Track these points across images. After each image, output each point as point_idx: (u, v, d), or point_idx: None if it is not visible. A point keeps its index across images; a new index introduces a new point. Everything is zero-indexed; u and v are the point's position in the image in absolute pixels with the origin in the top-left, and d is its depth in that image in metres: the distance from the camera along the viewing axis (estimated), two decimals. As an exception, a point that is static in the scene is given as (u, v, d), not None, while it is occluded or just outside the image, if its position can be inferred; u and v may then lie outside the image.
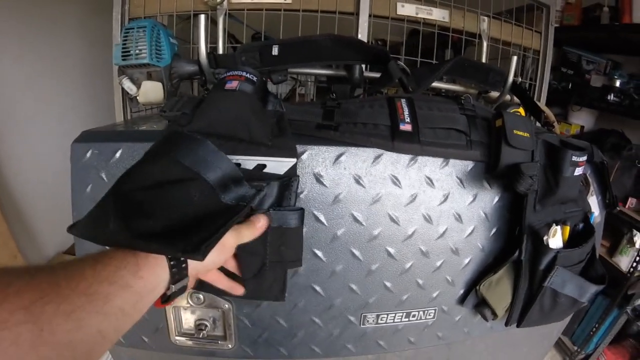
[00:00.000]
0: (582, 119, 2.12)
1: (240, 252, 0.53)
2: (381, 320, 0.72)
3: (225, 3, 0.93)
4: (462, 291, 0.76)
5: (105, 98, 1.39)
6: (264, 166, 0.57)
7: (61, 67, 1.95)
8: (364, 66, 0.92)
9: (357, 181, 0.63)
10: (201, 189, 0.48)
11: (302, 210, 0.56)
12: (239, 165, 0.57)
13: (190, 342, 0.72)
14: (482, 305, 0.77)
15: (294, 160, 0.58)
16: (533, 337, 0.96)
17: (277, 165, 0.57)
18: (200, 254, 0.41)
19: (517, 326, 0.79)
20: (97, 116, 2.08)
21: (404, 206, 0.66)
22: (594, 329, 1.90)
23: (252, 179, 0.55)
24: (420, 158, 0.65)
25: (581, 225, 0.82)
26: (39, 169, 1.80)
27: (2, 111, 1.59)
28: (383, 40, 1.44)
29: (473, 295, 0.76)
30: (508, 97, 1.04)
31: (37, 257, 1.79)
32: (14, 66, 1.65)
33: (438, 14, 1.04)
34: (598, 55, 2.05)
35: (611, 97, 1.81)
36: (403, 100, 0.70)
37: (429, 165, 0.66)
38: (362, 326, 0.71)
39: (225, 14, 0.91)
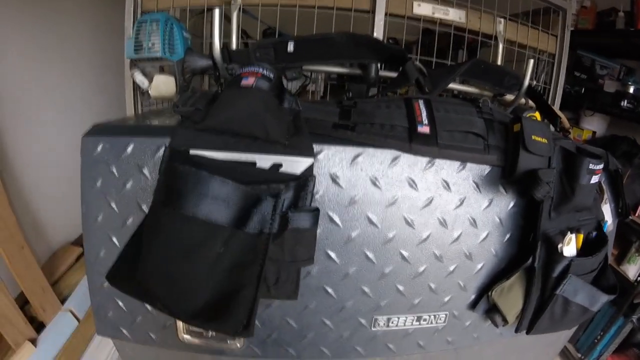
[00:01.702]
0: (594, 125, 2.10)
1: None
2: (392, 323, 0.71)
3: (239, -3, 0.92)
4: (473, 296, 0.75)
5: (115, 91, 1.39)
6: (280, 165, 0.56)
7: (70, 59, 1.94)
8: (379, 65, 0.90)
9: (374, 183, 0.62)
10: (223, 238, 0.51)
11: (317, 210, 0.56)
12: (254, 164, 0.56)
13: (197, 340, 0.72)
14: (493, 311, 0.76)
15: (311, 160, 0.57)
16: (540, 343, 0.96)
17: (294, 164, 0.56)
18: (250, 333, 0.50)
19: (527, 333, 0.78)
20: (107, 109, 2.08)
21: (419, 209, 0.65)
22: (599, 337, 1.89)
23: (269, 180, 0.54)
24: (437, 161, 0.64)
25: (594, 233, 0.81)
26: (47, 160, 1.80)
27: (11, 103, 1.58)
28: (395, 39, 1.43)
29: (484, 300, 0.75)
30: (523, 100, 1.03)
31: (45, 248, 1.79)
32: (22, 58, 1.64)
33: (454, 15, 1.03)
34: (612, 60, 2.03)
35: (624, 103, 1.79)
36: (420, 102, 0.68)
37: (446, 168, 0.65)
38: (372, 329, 0.71)
39: (240, 9, 0.90)
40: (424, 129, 0.64)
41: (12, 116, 1.59)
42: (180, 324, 0.71)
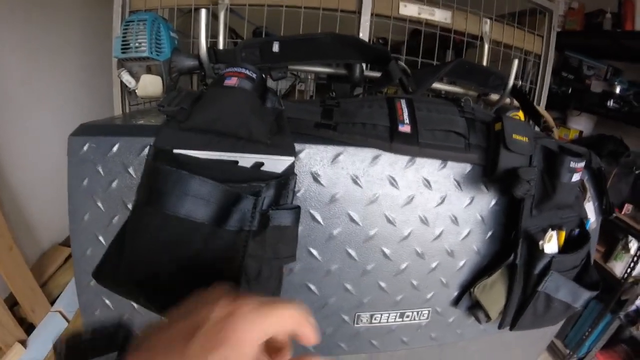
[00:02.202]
0: (581, 124, 2.13)
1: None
2: (375, 320, 0.72)
3: (227, -2, 0.92)
4: (456, 293, 0.76)
5: (105, 91, 1.38)
6: (262, 164, 0.57)
7: (60, 59, 1.93)
8: (364, 65, 0.91)
9: (355, 181, 0.63)
10: (203, 235, 0.51)
11: (298, 208, 0.56)
12: (236, 162, 0.57)
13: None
14: (475, 308, 0.77)
15: (292, 158, 0.58)
16: (526, 339, 0.97)
17: (275, 163, 0.57)
18: None
19: (510, 329, 0.79)
20: (96, 109, 2.06)
21: (400, 207, 0.66)
22: (587, 333, 1.91)
23: (251, 179, 0.55)
24: (418, 159, 0.65)
25: (577, 231, 0.82)
26: (37, 160, 1.79)
27: (0, 104, 1.58)
28: (384, 39, 1.43)
29: (467, 297, 0.76)
30: (508, 100, 1.04)
31: (34, 248, 1.79)
32: (11, 57, 1.63)
33: (440, 15, 1.04)
34: (599, 61, 2.06)
35: (611, 103, 1.81)
36: (403, 101, 0.69)
37: (427, 166, 0.66)
38: (355, 325, 0.71)
39: (227, 9, 0.91)
40: (405, 128, 0.65)
41: (2, 116, 1.59)
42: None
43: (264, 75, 0.69)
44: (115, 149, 0.62)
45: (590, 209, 0.90)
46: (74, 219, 0.67)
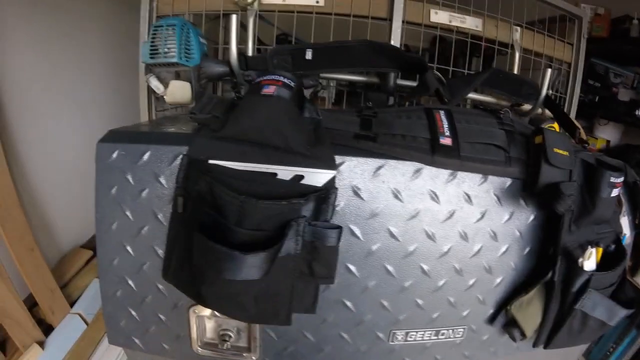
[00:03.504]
0: (608, 134, 2.07)
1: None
2: (410, 337, 0.70)
3: (255, 4, 0.91)
4: (492, 310, 0.73)
5: (128, 95, 1.39)
6: (302, 177, 0.55)
7: (85, 63, 1.95)
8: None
9: (396, 195, 0.61)
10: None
11: (340, 229, 0.55)
12: (275, 175, 0.55)
13: (211, 353, 0.71)
14: (511, 325, 0.74)
15: (334, 172, 0.56)
16: (554, 357, 0.94)
17: (316, 176, 0.55)
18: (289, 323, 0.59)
19: (544, 347, 0.77)
20: (120, 113, 2.08)
21: (440, 222, 0.64)
22: (611, 349, 1.86)
23: (291, 194, 0.53)
24: (459, 174, 0.63)
25: (613, 246, 0.79)
26: (59, 164, 1.80)
27: (24, 106, 1.59)
28: (407, 46, 1.42)
29: (502, 315, 0.74)
30: (539, 110, 1.02)
31: (54, 250, 1.79)
32: (36, 61, 1.65)
33: (471, 23, 1.02)
34: (626, 68, 2.00)
35: (639, 112, 1.77)
36: (441, 112, 0.67)
37: (468, 181, 0.64)
38: (390, 343, 0.69)
39: (256, 15, 0.90)
40: (446, 140, 0.63)
41: (25, 119, 1.60)
42: (194, 335, 0.70)
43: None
44: (145, 157, 0.61)
45: (625, 223, 0.87)
46: (101, 227, 0.66)
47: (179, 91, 0.85)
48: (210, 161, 0.56)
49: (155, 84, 0.86)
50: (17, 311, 1.41)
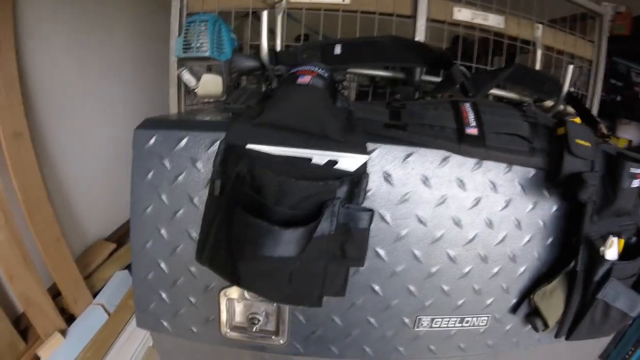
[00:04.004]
0: (630, 133, 2.03)
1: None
2: (435, 324, 0.71)
3: (284, 2, 0.94)
4: (515, 300, 0.74)
5: (154, 91, 1.43)
6: (336, 162, 0.57)
7: (111, 59, 2.00)
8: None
9: (424, 182, 0.63)
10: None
11: (372, 212, 0.57)
12: (310, 159, 0.58)
13: (240, 336, 0.73)
14: (534, 315, 0.75)
15: (366, 157, 0.58)
16: (575, 353, 0.94)
17: (349, 161, 0.57)
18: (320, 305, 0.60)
19: (566, 338, 0.77)
20: (145, 107, 2.12)
21: (467, 209, 0.65)
22: (630, 352, 1.84)
23: (325, 177, 0.56)
24: (485, 162, 0.65)
25: (634, 238, 0.80)
26: (86, 156, 1.85)
27: (53, 100, 1.64)
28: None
29: (525, 304, 0.75)
30: (561, 107, 1.03)
31: (79, 241, 1.84)
32: (64, 57, 1.70)
33: (494, 20, 1.03)
34: (649, 67, 1.98)
35: (661, 112, 1.74)
36: (467, 105, 0.69)
37: (494, 170, 0.65)
38: (415, 329, 0.71)
39: (284, 13, 0.92)
40: (472, 130, 0.65)
41: (54, 116, 1.65)
42: (224, 318, 0.72)
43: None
44: (183, 143, 0.64)
45: (646, 217, 0.87)
46: (136, 211, 0.68)
47: (211, 84, 0.87)
48: (248, 146, 0.59)
49: (187, 77, 0.89)
50: (40, 300, 1.44)
